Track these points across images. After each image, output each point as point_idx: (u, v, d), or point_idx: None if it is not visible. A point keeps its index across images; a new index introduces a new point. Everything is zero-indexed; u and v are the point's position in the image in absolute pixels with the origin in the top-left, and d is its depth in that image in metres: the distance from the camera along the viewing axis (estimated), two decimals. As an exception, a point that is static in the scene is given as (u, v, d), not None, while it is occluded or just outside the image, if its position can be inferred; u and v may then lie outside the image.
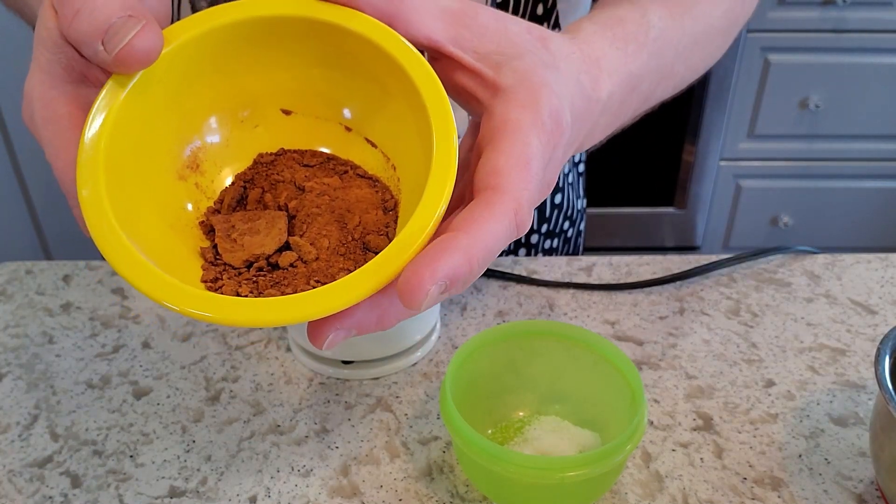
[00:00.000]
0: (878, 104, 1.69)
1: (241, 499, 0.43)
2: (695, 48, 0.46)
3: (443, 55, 0.33)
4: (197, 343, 0.55)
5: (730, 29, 0.50)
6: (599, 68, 0.37)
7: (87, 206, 0.30)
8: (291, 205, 0.35)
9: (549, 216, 0.70)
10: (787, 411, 0.48)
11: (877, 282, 0.61)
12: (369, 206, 0.35)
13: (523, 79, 0.32)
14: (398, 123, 0.35)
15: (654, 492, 0.43)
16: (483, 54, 0.32)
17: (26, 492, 0.44)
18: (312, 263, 0.33)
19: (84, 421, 0.49)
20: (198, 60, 0.34)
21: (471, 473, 0.43)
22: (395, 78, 0.33)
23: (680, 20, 0.44)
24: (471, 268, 0.27)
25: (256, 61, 0.35)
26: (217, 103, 0.36)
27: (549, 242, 0.71)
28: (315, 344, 0.30)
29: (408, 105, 0.33)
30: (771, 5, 1.59)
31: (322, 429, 0.48)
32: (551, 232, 0.71)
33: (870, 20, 1.60)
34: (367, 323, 0.30)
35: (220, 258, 0.34)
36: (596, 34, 0.38)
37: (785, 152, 1.77)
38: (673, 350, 0.54)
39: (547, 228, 0.70)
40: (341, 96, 0.37)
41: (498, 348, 0.46)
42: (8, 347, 0.55)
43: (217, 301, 0.29)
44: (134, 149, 0.32)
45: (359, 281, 0.29)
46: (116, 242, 0.29)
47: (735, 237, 1.89)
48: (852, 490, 0.43)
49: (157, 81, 0.33)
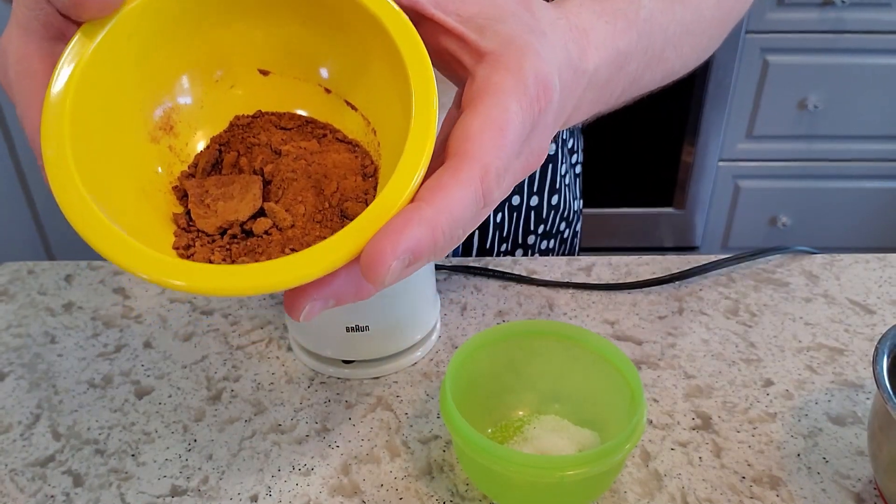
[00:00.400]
0: (876, 105, 1.70)
1: (242, 498, 0.43)
2: (686, 37, 0.45)
3: (425, 18, 0.32)
4: (198, 343, 0.55)
5: (724, 20, 0.49)
6: (587, 39, 0.36)
7: (51, 166, 0.28)
8: (267, 169, 0.34)
9: (545, 217, 0.70)
10: (785, 410, 0.49)
11: (875, 282, 0.61)
12: (348, 172, 0.34)
13: (508, 42, 0.30)
14: (379, 86, 0.33)
15: (653, 491, 0.43)
16: (466, 17, 0.31)
17: (28, 491, 0.44)
18: (287, 231, 0.32)
19: (86, 420, 0.49)
20: (170, 15, 0.32)
21: (471, 472, 0.43)
22: (377, 37, 0.31)
23: (671, 5, 0.43)
24: (435, 240, 0.26)
25: (232, 17, 0.34)
26: (190, 61, 0.34)
27: (546, 243, 0.71)
28: (293, 316, 0.29)
29: (389, 67, 0.32)
30: (770, 6, 1.59)
31: (323, 428, 0.48)
32: (548, 233, 0.71)
33: (868, 21, 1.60)
34: (344, 293, 0.29)
35: (193, 224, 0.33)
36: (584, 6, 0.37)
37: (784, 153, 1.77)
38: (672, 350, 0.54)
39: (543, 229, 0.71)
40: (321, 56, 0.35)
41: (498, 348, 0.46)
42: (10, 347, 0.56)
43: (189, 269, 0.28)
44: (102, 107, 0.31)
45: (332, 249, 0.28)
46: (83, 207, 0.28)
47: (734, 237, 1.90)
48: (850, 489, 0.43)
49: (128, 36, 0.31)
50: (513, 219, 0.67)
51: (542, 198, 0.67)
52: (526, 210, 0.67)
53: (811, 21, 1.60)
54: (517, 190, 0.65)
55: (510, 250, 0.69)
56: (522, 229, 0.68)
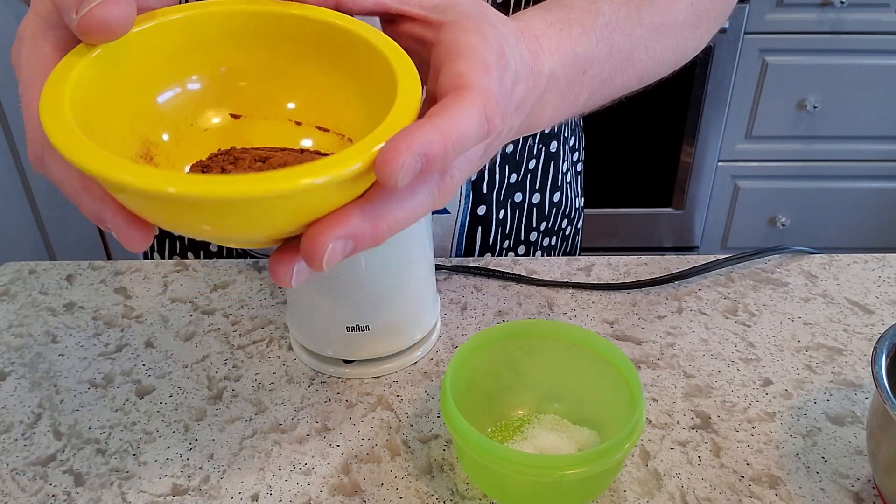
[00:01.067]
0: (874, 105, 1.70)
1: (242, 497, 0.43)
2: (657, 39, 0.46)
3: (392, 15, 0.35)
4: (199, 342, 0.55)
5: (698, 22, 0.50)
6: (539, 45, 0.37)
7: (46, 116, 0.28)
8: (256, 166, 0.35)
9: (547, 214, 0.70)
10: (784, 410, 0.49)
11: (873, 281, 0.61)
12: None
13: (467, 14, 0.33)
14: (344, 98, 0.35)
15: (652, 490, 0.43)
16: (428, 7, 0.34)
17: (30, 490, 0.44)
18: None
19: (87, 420, 0.49)
20: (154, 49, 0.33)
21: (471, 472, 0.43)
22: (335, 44, 0.33)
23: (637, 10, 0.44)
24: (445, 147, 0.27)
25: (207, 56, 0.35)
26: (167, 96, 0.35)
27: (548, 240, 0.72)
28: (314, 264, 0.29)
29: (351, 72, 0.33)
30: (769, 7, 1.59)
31: (323, 427, 0.48)
32: (550, 230, 0.71)
33: (867, 22, 1.60)
34: (361, 233, 0.29)
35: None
36: (535, 17, 0.39)
37: (782, 153, 1.77)
38: (671, 349, 0.54)
39: (546, 226, 0.71)
40: (285, 89, 0.37)
41: (497, 347, 0.46)
42: (11, 347, 0.56)
43: (181, 177, 0.26)
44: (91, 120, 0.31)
45: (342, 158, 0.27)
46: (72, 133, 0.28)
47: (733, 237, 1.90)
48: (849, 488, 0.43)
49: (117, 63, 0.32)
50: (515, 216, 0.67)
51: (544, 195, 0.68)
52: (528, 207, 0.67)
53: (810, 22, 1.61)
54: (520, 188, 0.66)
55: (513, 247, 0.69)
56: (525, 226, 0.68)
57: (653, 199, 1.85)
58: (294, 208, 0.28)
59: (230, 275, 0.63)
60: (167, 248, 0.71)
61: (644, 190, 1.84)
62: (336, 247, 0.28)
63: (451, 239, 0.65)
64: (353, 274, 0.47)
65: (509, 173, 0.65)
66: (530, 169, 0.66)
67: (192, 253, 0.71)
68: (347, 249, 0.29)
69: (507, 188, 0.65)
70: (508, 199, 0.66)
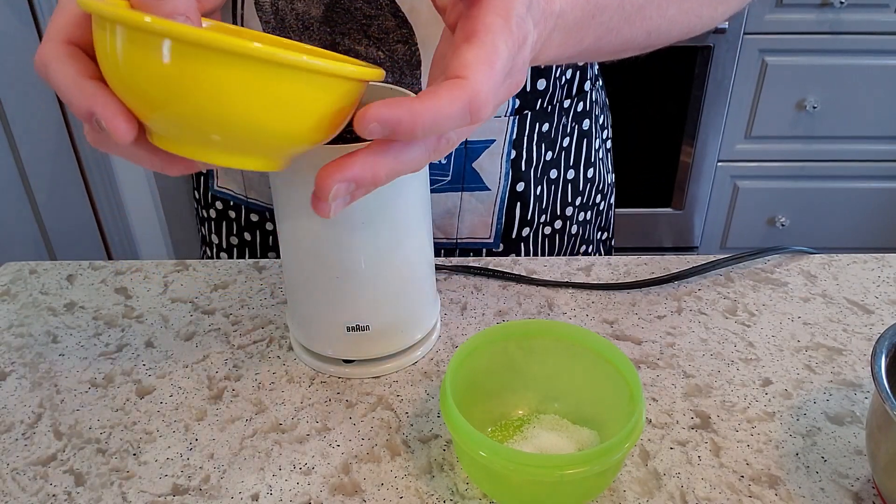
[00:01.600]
0: (874, 106, 1.70)
1: (243, 497, 0.43)
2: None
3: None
4: (199, 342, 0.55)
5: None
6: None
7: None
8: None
9: (582, 189, 0.72)
10: (783, 410, 0.49)
11: (873, 281, 0.61)
12: None
13: None
14: None
15: (652, 490, 0.43)
16: None
17: (30, 490, 0.44)
18: None
19: (87, 419, 0.49)
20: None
21: (471, 471, 0.43)
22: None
23: None
24: (413, 121, 0.32)
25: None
26: None
27: (583, 215, 0.73)
28: (320, 204, 0.34)
29: None
30: (769, 8, 1.59)
31: (323, 427, 0.48)
32: (585, 205, 0.73)
33: (866, 22, 1.60)
34: (362, 177, 0.33)
35: None
36: None
37: (782, 153, 1.77)
38: (671, 349, 0.54)
39: (581, 201, 0.72)
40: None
41: (497, 347, 0.46)
42: (12, 346, 0.56)
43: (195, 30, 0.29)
44: None
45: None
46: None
47: (732, 237, 1.90)
48: (849, 488, 0.43)
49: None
50: (551, 192, 0.69)
51: (578, 171, 0.70)
52: (563, 183, 0.69)
53: (809, 22, 1.61)
54: (555, 165, 0.68)
55: (549, 221, 0.70)
56: (560, 202, 0.70)
57: (653, 199, 1.85)
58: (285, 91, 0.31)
59: (230, 275, 0.63)
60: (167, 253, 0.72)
61: (644, 190, 1.84)
62: (340, 188, 0.33)
63: (492, 215, 0.67)
64: (353, 274, 0.47)
65: (545, 151, 0.67)
66: (564, 147, 0.68)
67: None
68: (350, 189, 0.34)
69: (544, 165, 0.67)
70: (545, 175, 0.68)
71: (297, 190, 0.45)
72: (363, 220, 0.45)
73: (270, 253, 0.71)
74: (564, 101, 0.67)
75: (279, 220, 0.48)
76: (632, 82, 1.67)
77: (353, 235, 0.46)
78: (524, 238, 0.69)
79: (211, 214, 0.72)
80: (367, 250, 0.47)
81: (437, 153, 0.36)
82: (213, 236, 0.73)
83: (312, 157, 0.43)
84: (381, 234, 0.46)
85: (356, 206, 0.44)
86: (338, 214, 0.44)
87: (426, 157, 0.35)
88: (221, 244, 0.73)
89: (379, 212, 0.45)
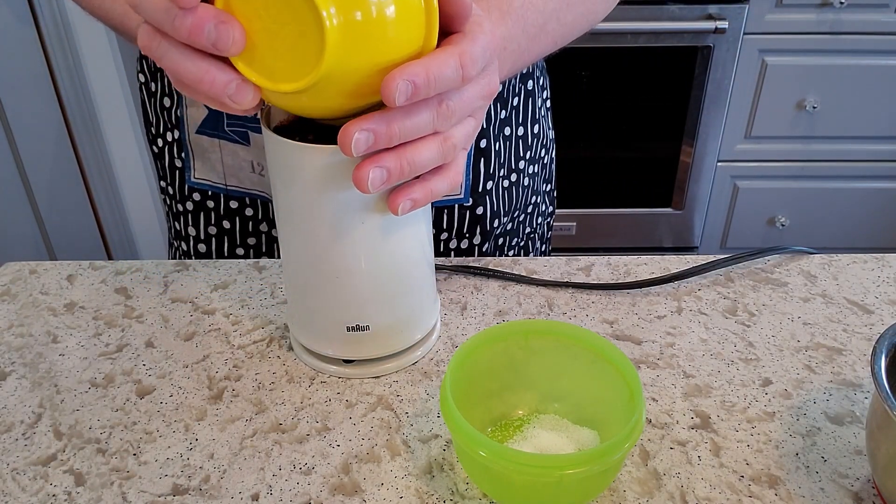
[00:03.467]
0: (874, 106, 1.70)
1: (243, 496, 0.43)
2: (567, 10, 0.57)
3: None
4: (200, 342, 0.55)
5: None
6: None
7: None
8: None
9: (531, 144, 0.78)
10: (783, 410, 0.49)
11: (873, 281, 0.61)
12: None
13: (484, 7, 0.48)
14: None
15: (651, 490, 0.43)
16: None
17: (30, 490, 0.44)
18: None
19: (88, 419, 0.49)
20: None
21: (471, 471, 0.43)
22: None
23: None
24: (427, 78, 0.38)
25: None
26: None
27: (532, 168, 0.79)
28: (345, 146, 0.38)
29: None
30: (769, 7, 1.59)
31: (323, 427, 0.48)
32: (533, 159, 0.78)
33: (865, 22, 1.60)
34: (378, 130, 0.39)
35: None
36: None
37: (782, 153, 1.77)
38: (671, 349, 0.54)
39: (530, 156, 0.77)
40: None
41: (497, 347, 0.46)
42: (12, 347, 0.56)
43: None
44: None
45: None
46: None
47: (732, 237, 1.90)
48: (849, 488, 0.43)
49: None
50: (507, 147, 0.74)
51: (526, 128, 0.76)
52: (515, 139, 0.75)
53: (809, 22, 1.61)
54: (508, 122, 0.74)
55: (507, 175, 0.75)
56: (514, 156, 0.76)
57: (653, 199, 1.85)
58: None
59: (230, 275, 0.63)
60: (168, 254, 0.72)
61: (644, 190, 1.84)
62: (360, 137, 0.38)
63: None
64: (353, 274, 0.47)
65: (500, 109, 0.72)
66: (514, 105, 0.74)
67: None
68: (370, 141, 0.39)
69: (499, 123, 0.73)
70: (501, 132, 0.73)
71: (297, 190, 0.45)
72: (363, 220, 0.45)
73: (251, 238, 0.72)
74: None
75: (279, 220, 0.48)
76: (632, 82, 1.67)
77: (353, 235, 0.46)
78: (488, 191, 0.73)
79: (188, 207, 0.73)
80: (367, 250, 0.47)
81: (441, 117, 0.41)
82: (191, 228, 0.74)
83: (312, 158, 0.43)
84: (381, 234, 0.46)
85: (356, 205, 0.44)
86: (338, 214, 0.45)
87: (432, 118, 0.41)
88: (199, 235, 0.73)
89: (379, 212, 0.45)
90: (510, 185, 0.76)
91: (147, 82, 0.73)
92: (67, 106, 1.60)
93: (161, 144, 0.73)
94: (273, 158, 0.46)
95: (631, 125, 1.73)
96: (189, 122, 0.69)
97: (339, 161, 0.43)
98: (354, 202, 0.44)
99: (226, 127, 0.67)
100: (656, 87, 1.69)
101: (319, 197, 0.44)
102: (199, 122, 0.68)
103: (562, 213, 1.81)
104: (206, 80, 0.37)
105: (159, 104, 0.72)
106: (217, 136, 0.68)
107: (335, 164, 0.43)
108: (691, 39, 1.61)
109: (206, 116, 0.68)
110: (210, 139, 0.68)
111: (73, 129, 1.64)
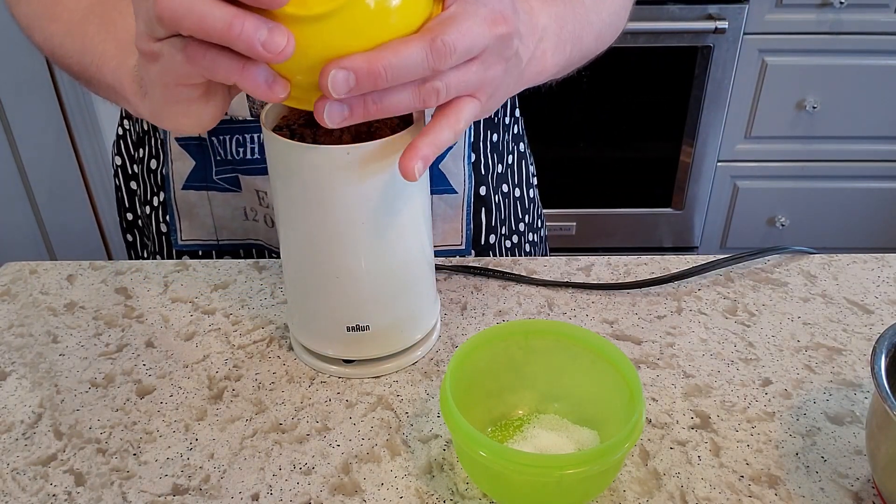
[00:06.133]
0: (873, 105, 1.70)
1: (243, 496, 0.43)
2: (602, 5, 0.56)
3: None
4: (200, 342, 0.56)
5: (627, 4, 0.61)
6: (529, 3, 0.46)
7: None
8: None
9: (528, 208, 0.79)
10: (783, 410, 0.49)
11: (872, 281, 0.61)
12: None
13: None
14: None
15: (651, 489, 0.43)
16: None
17: (30, 490, 0.44)
18: None
19: (88, 419, 0.49)
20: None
21: (471, 471, 0.43)
22: None
23: None
24: (370, 68, 0.36)
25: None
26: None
27: (532, 236, 0.79)
28: (323, 86, 0.36)
29: None
30: (769, 7, 1.59)
31: (324, 427, 0.48)
32: (531, 225, 0.79)
33: (866, 22, 1.60)
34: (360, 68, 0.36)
35: None
36: None
37: (782, 153, 1.77)
38: (671, 349, 0.54)
39: (528, 220, 0.78)
40: None
41: (497, 347, 0.46)
42: (12, 346, 0.56)
43: None
44: None
45: None
46: None
47: (732, 237, 1.90)
48: (849, 488, 0.43)
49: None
50: (506, 204, 0.74)
51: (522, 190, 0.77)
52: (513, 199, 0.76)
53: (809, 22, 1.61)
54: (505, 179, 0.74)
55: (508, 234, 0.75)
56: (514, 216, 0.76)
57: (652, 199, 1.85)
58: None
59: (230, 275, 0.63)
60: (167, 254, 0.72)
61: (644, 190, 1.84)
62: (339, 75, 0.36)
63: (461, 220, 0.70)
64: (353, 274, 0.48)
65: (497, 162, 0.72)
66: (509, 164, 0.74)
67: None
68: (351, 82, 0.36)
69: (497, 177, 0.72)
70: (499, 188, 0.73)
71: (297, 190, 0.45)
72: (363, 220, 0.45)
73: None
74: (504, 117, 0.72)
75: (279, 220, 0.48)
76: (632, 82, 1.67)
77: (353, 235, 0.46)
78: (491, 245, 0.72)
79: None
80: (367, 250, 0.47)
81: (423, 96, 0.39)
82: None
83: (312, 158, 0.43)
84: (381, 234, 0.46)
85: (356, 205, 0.44)
86: (338, 214, 0.45)
87: (411, 99, 0.39)
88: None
89: (379, 212, 0.45)
90: (512, 246, 0.76)
91: (125, 164, 0.72)
92: (67, 106, 1.60)
93: (148, 211, 0.71)
94: (273, 158, 0.46)
95: (631, 125, 1.73)
96: (175, 178, 0.67)
97: (339, 161, 0.43)
98: (355, 202, 0.44)
99: (214, 176, 0.65)
100: (656, 87, 1.69)
101: (319, 197, 0.44)
102: (185, 177, 0.66)
103: (562, 213, 1.81)
104: (237, 24, 0.34)
105: (146, 168, 0.70)
106: (206, 188, 0.66)
107: (335, 165, 0.43)
108: (691, 39, 1.61)
109: (192, 168, 0.66)
110: (198, 193, 0.67)
111: (73, 129, 1.64)
